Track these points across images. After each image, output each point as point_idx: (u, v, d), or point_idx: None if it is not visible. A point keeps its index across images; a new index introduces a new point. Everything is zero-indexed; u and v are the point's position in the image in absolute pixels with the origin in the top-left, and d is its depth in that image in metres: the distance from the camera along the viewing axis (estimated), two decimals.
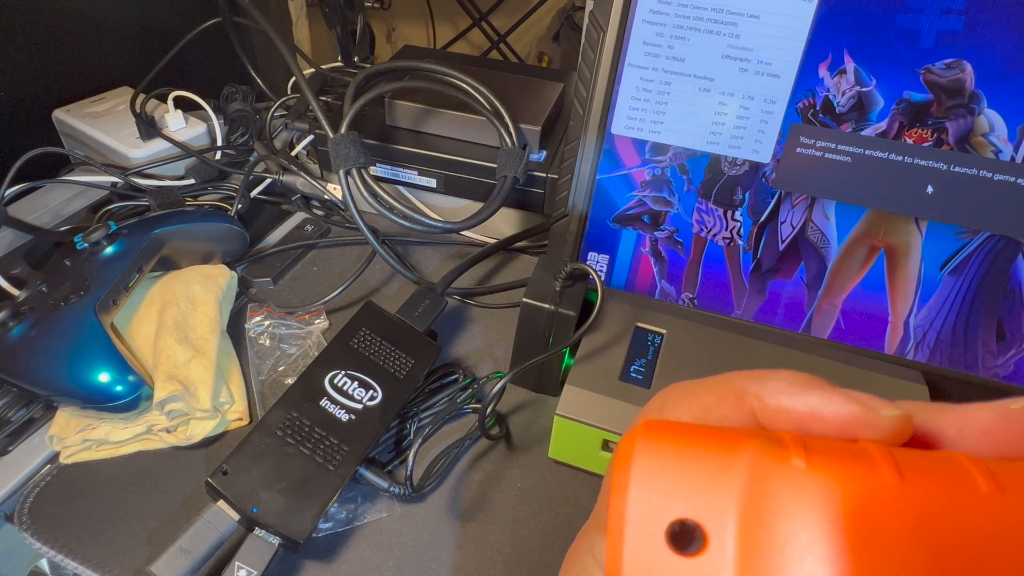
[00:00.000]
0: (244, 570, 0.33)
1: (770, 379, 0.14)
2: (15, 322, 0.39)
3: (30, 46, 0.59)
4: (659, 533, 0.11)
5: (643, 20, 0.41)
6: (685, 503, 0.11)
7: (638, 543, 0.11)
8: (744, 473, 0.11)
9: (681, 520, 0.11)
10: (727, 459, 0.11)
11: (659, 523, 0.11)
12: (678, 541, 0.11)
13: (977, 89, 0.37)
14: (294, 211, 0.61)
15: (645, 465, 0.12)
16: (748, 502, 0.11)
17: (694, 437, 0.12)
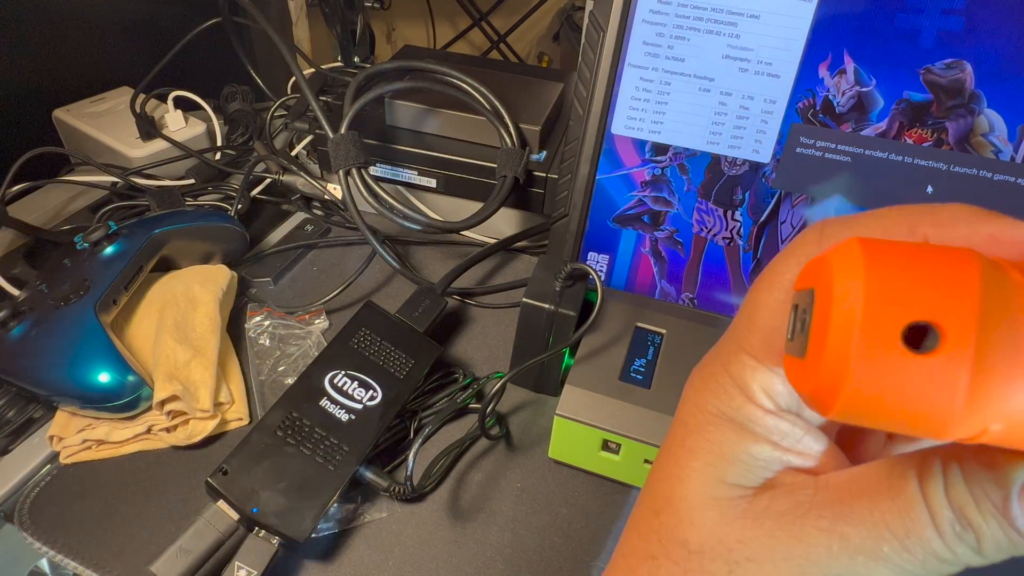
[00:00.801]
0: (244, 570, 0.33)
1: (942, 210, 0.14)
2: (15, 322, 0.39)
3: (30, 46, 0.59)
4: (895, 334, 0.11)
5: (643, 20, 0.41)
6: (924, 305, 0.11)
7: (870, 342, 0.11)
8: (984, 282, 0.11)
9: (918, 321, 0.11)
10: (963, 266, 0.11)
11: (897, 323, 0.11)
12: (915, 341, 0.11)
13: (977, 89, 0.37)
14: (294, 211, 0.61)
15: (877, 266, 0.12)
16: (988, 309, 0.11)
17: (916, 249, 0.12)
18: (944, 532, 0.13)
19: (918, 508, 0.14)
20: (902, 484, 0.14)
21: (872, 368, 0.12)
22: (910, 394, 0.11)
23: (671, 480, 0.17)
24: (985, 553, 0.14)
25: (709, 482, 0.17)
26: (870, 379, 0.12)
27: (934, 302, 0.11)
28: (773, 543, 0.15)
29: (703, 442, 0.17)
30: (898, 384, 0.11)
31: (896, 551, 0.14)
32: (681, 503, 0.17)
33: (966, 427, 0.12)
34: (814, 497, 0.15)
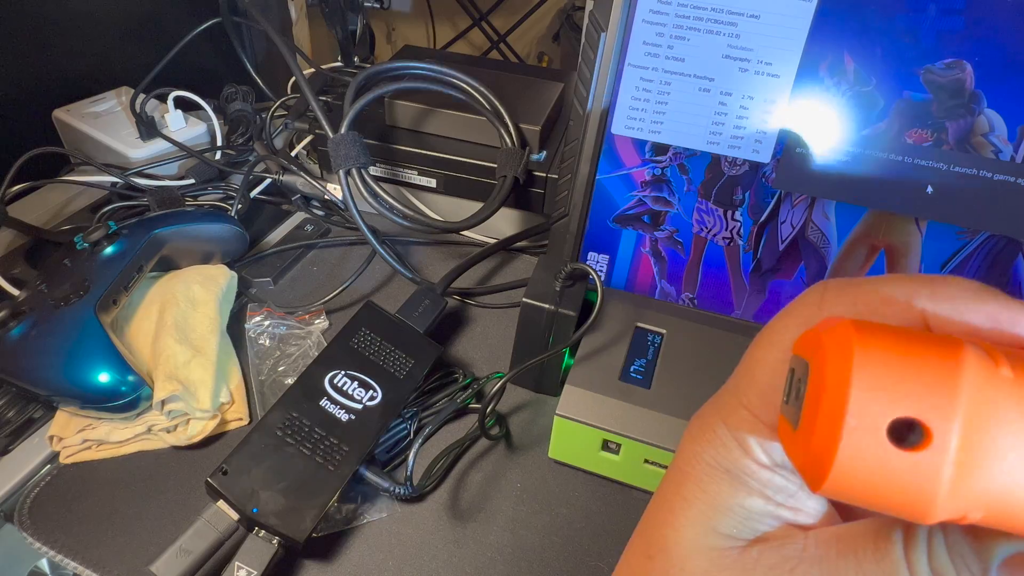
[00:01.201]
0: (244, 570, 0.33)
1: (942, 284, 0.14)
2: (15, 322, 0.39)
3: (30, 46, 0.59)
4: (880, 428, 0.12)
5: (643, 20, 0.41)
6: (909, 402, 0.12)
7: (858, 433, 0.12)
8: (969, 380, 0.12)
9: (904, 418, 0.12)
10: (950, 365, 0.12)
11: (883, 418, 0.12)
12: (900, 437, 0.12)
13: (977, 89, 0.37)
14: (294, 211, 0.61)
15: (868, 364, 0.12)
16: (971, 407, 0.12)
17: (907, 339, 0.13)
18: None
19: (901, 573, 0.14)
20: (887, 547, 0.14)
21: (858, 458, 0.12)
22: (894, 484, 0.12)
23: (665, 527, 0.18)
24: None
25: (702, 531, 0.17)
26: (855, 467, 0.12)
27: (919, 399, 0.12)
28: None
29: (698, 492, 0.17)
30: (883, 474, 0.12)
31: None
32: (674, 550, 0.17)
33: (947, 514, 0.12)
34: (803, 552, 0.16)
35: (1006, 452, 0.12)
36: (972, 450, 0.12)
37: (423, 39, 1.17)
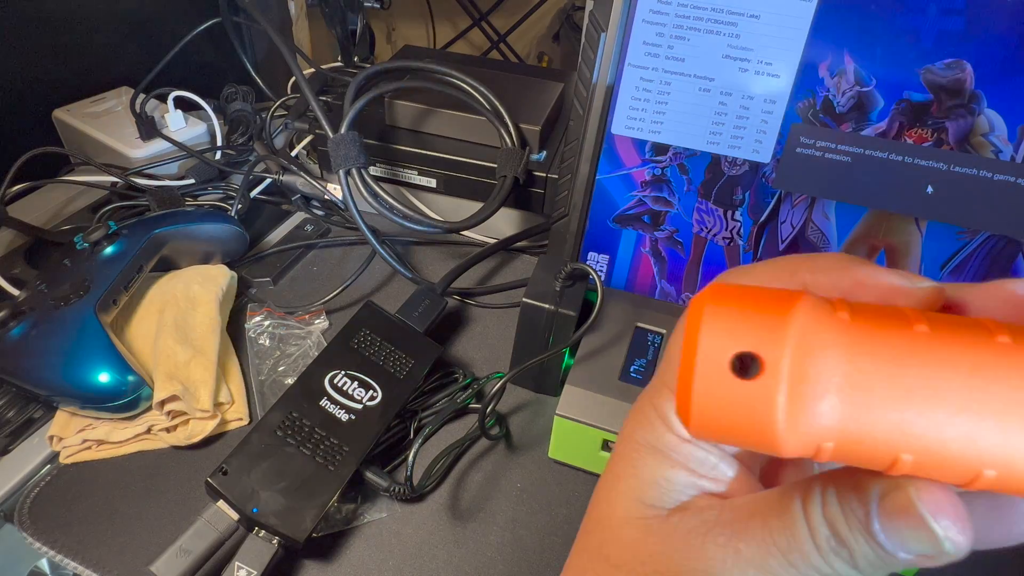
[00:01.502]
0: (244, 570, 0.33)
1: (820, 258, 0.16)
2: (15, 322, 0.39)
3: (30, 46, 0.59)
4: (725, 362, 0.14)
5: (643, 20, 0.41)
6: (747, 340, 0.13)
7: (706, 370, 0.14)
8: (799, 318, 0.13)
9: (743, 352, 0.13)
10: (785, 307, 0.14)
11: (725, 354, 0.14)
12: (741, 369, 0.14)
13: (977, 89, 0.37)
14: (294, 211, 0.61)
15: (715, 312, 0.14)
16: (800, 340, 0.13)
17: (754, 294, 0.14)
18: (821, 547, 0.15)
19: (800, 525, 0.15)
20: (788, 504, 0.16)
21: (710, 392, 0.14)
22: (742, 413, 0.14)
23: (601, 503, 0.19)
24: (860, 567, 0.15)
25: (630, 503, 0.18)
26: (710, 401, 0.14)
27: (757, 336, 0.13)
28: (678, 557, 0.17)
29: (628, 467, 0.19)
30: (732, 405, 0.14)
31: (781, 564, 0.15)
32: (606, 522, 0.19)
33: (797, 444, 0.13)
34: (718, 517, 0.17)
35: (833, 379, 0.13)
36: (801, 376, 0.13)
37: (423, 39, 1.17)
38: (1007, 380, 0.12)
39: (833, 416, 0.13)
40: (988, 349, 0.13)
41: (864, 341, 0.13)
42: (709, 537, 0.17)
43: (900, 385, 0.13)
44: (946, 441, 0.13)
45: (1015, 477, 0.13)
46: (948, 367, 0.13)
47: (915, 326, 0.13)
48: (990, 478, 0.13)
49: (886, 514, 0.14)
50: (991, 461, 0.13)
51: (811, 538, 0.15)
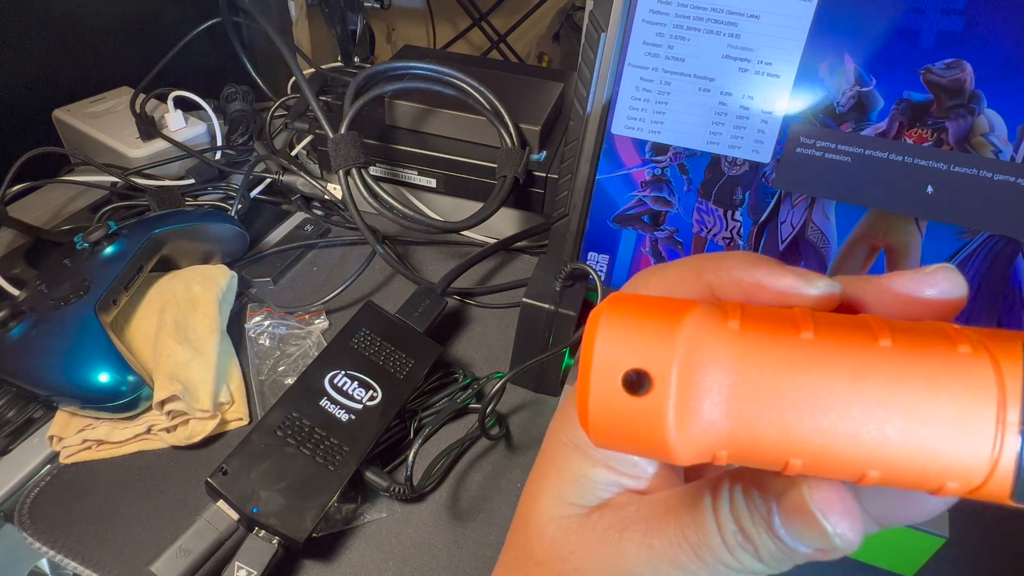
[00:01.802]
0: (244, 570, 0.33)
1: (725, 257, 0.16)
2: (15, 322, 0.39)
3: (30, 46, 0.59)
4: (616, 379, 0.14)
5: (643, 20, 0.41)
6: (637, 356, 0.14)
7: (600, 387, 0.14)
8: (686, 333, 0.14)
9: (634, 370, 0.14)
10: (674, 321, 0.14)
11: (616, 371, 0.14)
12: (632, 386, 0.14)
13: (977, 89, 0.37)
14: (294, 211, 0.61)
15: (607, 327, 0.14)
16: (687, 355, 0.14)
17: (650, 305, 0.15)
18: (728, 542, 0.16)
19: (708, 521, 0.16)
20: (699, 501, 0.16)
21: (604, 408, 0.14)
22: (636, 428, 0.14)
23: (527, 501, 0.20)
24: (765, 561, 0.16)
25: (553, 501, 0.19)
26: (605, 416, 0.14)
27: (646, 352, 0.14)
28: (595, 554, 0.17)
29: (551, 466, 0.19)
30: (625, 420, 0.14)
31: (691, 559, 0.16)
32: (532, 520, 0.19)
33: (691, 454, 0.14)
34: (635, 513, 0.17)
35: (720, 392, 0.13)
36: (688, 391, 0.13)
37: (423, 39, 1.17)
38: (884, 386, 0.13)
39: (722, 426, 0.14)
40: (869, 354, 0.13)
41: (751, 352, 0.14)
42: (625, 533, 0.17)
43: (784, 394, 0.13)
44: (830, 446, 0.13)
45: (898, 475, 0.13)
46: (830, 374, 0.13)
47: (802, 333, 0.14)
48: (875, 477, 0.13)
49: (784, 512, 0.15)
50: (873, 463, 0.13)
51: (719, 533, 0.16)
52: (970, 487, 0.13)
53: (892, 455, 0.13)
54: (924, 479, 0.13)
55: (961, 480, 0.13)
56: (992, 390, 0.13)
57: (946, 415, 0.13)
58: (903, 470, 0.13)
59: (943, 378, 0.13)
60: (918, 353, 0.13)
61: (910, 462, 0.13)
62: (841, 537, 0.14)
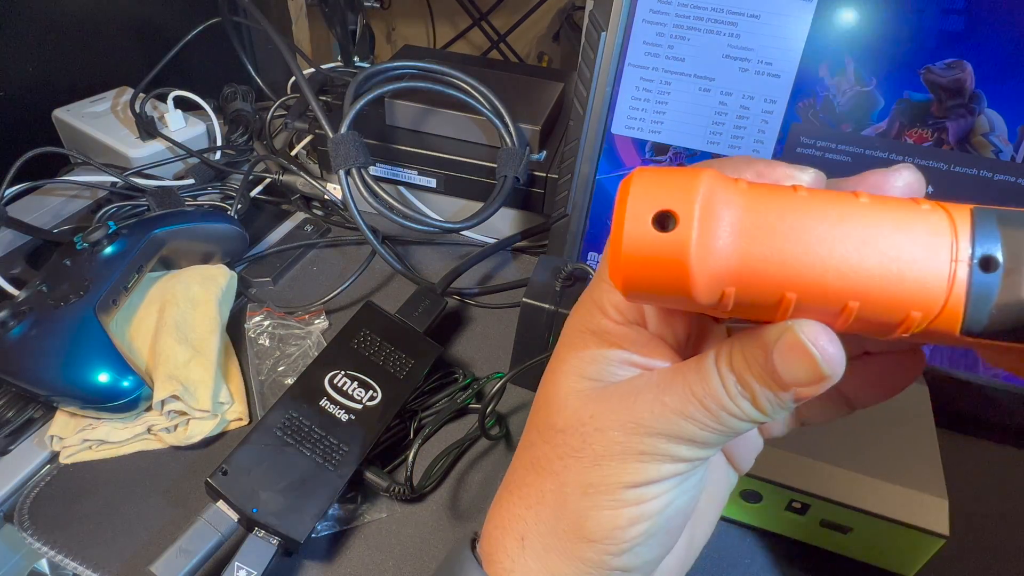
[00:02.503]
0: (244, 570, 0.33)
1: (727, 158, 0.19)
2: (15, 322, 0.39)
3: (30, 46, 0.59)
4: (648, 219, 0.16)
5: (643, 20, 0.41)
6: (665, 200, 0.16)
7: (633, 228, 0.17)
8: (705, 183, 0.16)
9: (661, 211, 0.16)
10: (694, 176, 0.16)
11: (648, 213, 0.16)
12: (661, 224, 0.16)
13: (977, 89, 0.37)
14: (294, 211, 0.61)
15: (639, 183, 0.17)
16: (707, 199, 0.16)
17: (672, 170, 0.17)
18: (730, 391, 0.18)
19: (712, 376, 0.19)
20: (704, 362, 0.19)
21: (636, 248, 0.17)
22: (663, 262, 0.16)
23: (547, 384, 0.23)
24: (761, 406, 0.18)
25: (572, 378, 0.22)
26: (637, 254, 0.17)
27: (673, 199, 0.16)
28: (613, 415, 0.20)
29: (571, 350, 0.22)
30: (654, 256, 0.16)
31: (698, 409, 0.19)
32: (553, 398, 0.22)
33: (708, 285, 0.16)
34: (648, 380, 0.20)
35: (733, 227, 0.16)
36: (707, 226, 0.16)
37: (423, 39, 1.17)
38: (863, 227, 0.16)
39: (733, 260, 0.16)
40: (852, 205, 0.16)
41: (757, 199, 0.16)
42: (640, 395, 0.20)
43: (783, 233, 0.16)
44: (819, 276, 0.16)
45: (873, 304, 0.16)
46: (820, 218, 0.16)
47: (798, 192, 0.17)
48: (854, 307, 0.16)
49: (779, 351, 0.17)
50: (854, 292, 0.16)
51: (722, 385, 0.19)
52: (931, 314, 0.16)
53: (868, 285, 0.16)
54: (893, 309, 0.16)
55: (923, 308, 0.16)
56: (947, 233, 0.16)
57: (911, 251, 0.16)
58: (876, 300, 0.16)
59: (909, 223, 0.16)
60: (890, 207, 0.16)
61: (882, 292, 0.16)
62: (828, 363, 0.17)
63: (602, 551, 0.21)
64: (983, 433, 0.44)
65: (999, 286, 0.15)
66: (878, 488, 0.34)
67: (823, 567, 0.37)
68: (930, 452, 0.36)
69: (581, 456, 0.21)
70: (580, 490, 0.21)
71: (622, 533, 0.20)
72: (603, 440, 0.20)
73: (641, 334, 0.21)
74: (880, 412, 0.38)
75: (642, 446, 0.20)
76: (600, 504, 0.20)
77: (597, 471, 0.20)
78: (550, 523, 0.22)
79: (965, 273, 0.15)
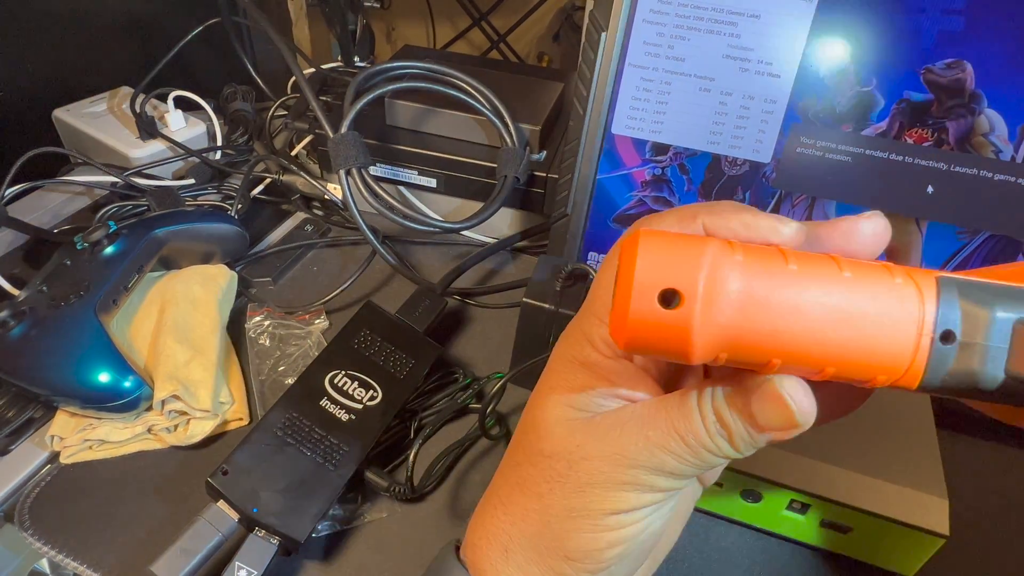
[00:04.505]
0: (244, 570, 0.33)
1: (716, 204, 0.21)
2: (15, 322, 0.39)
3: (30, 46, 0.59)
4: (653, 297, 0.18)
5: (643, 20, 0.41)
6: (670, 278, 0.18)
7: (639, 303, 0.18)
8: (707, 262, 0.18)
9: (668, 289, 0.18)
10: (698, 251, 0.18)
11: (653, 290, 0.18)
12: (666, 302, 0.18)
13: (977, 89, 0.37)
14: (294, 211, 0.61)
15: (646, 253, 0.18)
16: (709, 279, 0.18)
17: (674, 239, 0.18)
18: (709, 430, 0.20)
19: (695, 414, 0.20)
20: (686, 400, 0.21)
21: (641, 318, 0.18)
22: (666, 335, 0.18)
23: (535, 409, 0.24)
24: (736, 444, 0.20)
25: (560, 409, 0.23)
26: (641, 327, 0.18)
27: (677, 275, 0.18)
28: (598, 445, 0.21)
29: (559, 380, 0.23)
30: (658, 328, 0.18)
31: (679, 444, 0.20)
32: (541, 423, 0.23)
33: (705, 353, 0.18)
34: (633, 413, 0.21)
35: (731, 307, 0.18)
36: (708, 306, 0.18)
37: (423, 39, 1.17)
38: (844, 303, 0.18)
39: (730, 331, 0.18)
40: (835, 281, 0.18)
41: (753, 276, 0.18)
42: (625, 428, 0.21)
43: (776, 310, 0.18)
44: (806, 348, 0.18)
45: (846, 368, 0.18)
46: (808, 295, 0.18)
47: (789, 264, 0.18)
48: (831, 372, 0.18)
49: (759, 400, 0.19)
50: (832, 361, 0.18)
51: (702, 423, 0.20)
52: (895, 377, 0.18)
53: (845, 356, 0.18)
54: (864, 373, 0.18)
55: (889, 373, 0.18)
56: (915, 309, 0.18)
57: (883, 328, 0.18)
58: (851, 367, 0.18)
59: (883, 301, 0.18)
60: (867, 282, 0.18)
61: (857, 362, 0.18)
62: (802, 414, 0.19)
63: (581, 569, 0.22)
64: (983, 433, 0.44)
65: (954, 357, 0.17)
66: (878, 488, 0.34)
67: (823, 567, 0.37)
68: (930, 452, 0.36)
69: (566, 482, 0.22)
70: (564, 513, 0.22)
71: (601, 554, 0.22)
72: (588, 469, 0.22)
73: (627, 367, 0.22)
74: (880, 412, 0.38)
75: (625, 476, 0.21)
76: (582, 527, 0.22)
77: (581, 497, 0.22)
78: (533, 539, 0.23)
79: (927, 345, 0.17)
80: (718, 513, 0.39)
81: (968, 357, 0.17)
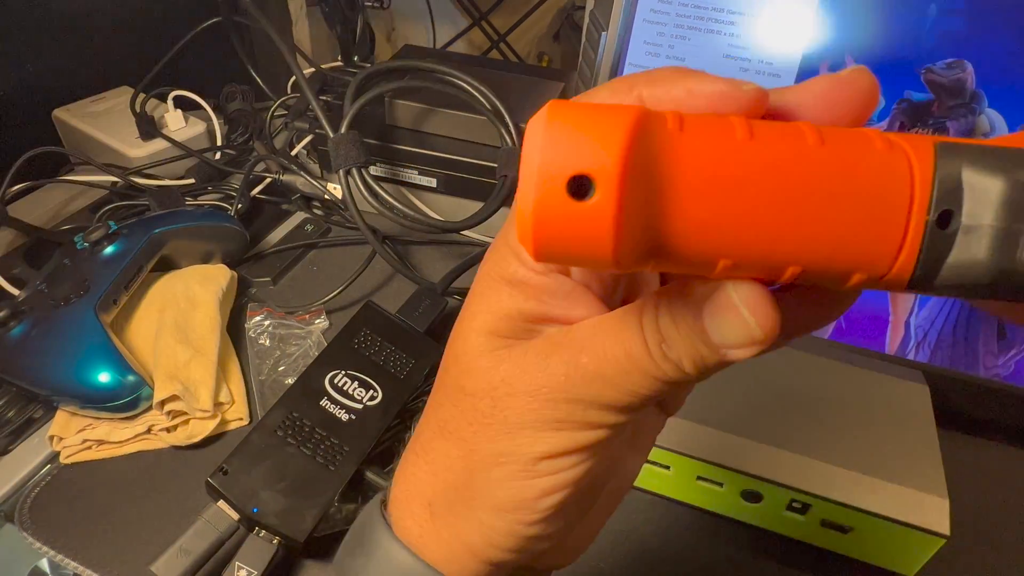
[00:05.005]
0: (244, 570, 0.33)
1: (656, 71, 0.17)
2: (15, 322, 0.39)
3: (30, 46, 0.59)
4: (561, 186, 0.14)
5: (643, 20, 0.41)
6: (581, 162, 0.13)
7: (544, 195, 0.14)
8: (629, 138, 0.13)
9: (578, 174, 0.14)
10: (616, 127, 0.14)
11: (561, 178, 0.14)
12: (577, 191, 0.13)
13: (978, 89, 0.37)
14: (294, 211, 0.61)
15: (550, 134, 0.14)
16: (631, 161, 0.13)
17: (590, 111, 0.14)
18: (653, 352, 0.16)
19: (635, 335, 0.17)
20: (628, 317, 0.17)
21: (547, 215, 0.14)
22: (580, 234, 0.14)
23: (457, 339, 0.20)
24: (686, 368, 0.16)
25: (484, 338, 0.19)
26: (549, 225, 0.14)
27: (591, 157, 0.13)
28: (526, 377, 0.18)
29: (482, 303, 0.19)
30: (570, 227, 0.14)
31: (618, 372, 0.17)
32: (462, 357, 0.20)
33: (631, 258, 0.14)
34: (563, 337, 0.18)
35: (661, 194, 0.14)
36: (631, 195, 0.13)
37: (423, 39, 1.17)
38: (809, 184, 0.14)
39: (660, 230, 0.14)
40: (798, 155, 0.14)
41: (690, 151, 0.14)
42: (554, 355, 0.18)
43: (720, 196, 0.14)
44: (759, 246, 0.14)
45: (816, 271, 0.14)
46: (761, 174, 0.14)
47: (738, 135, 0.14)
48: (795, 272, 0.14)
49: (710, 312, 0.16)
50: (795, 260, 0.14)
51: (644, 345, 0.17)
52: (877, 276, 0.14)
53: (811, 253, 0.14)
54: (837, 273, 0.14)
55: (870, 271, 0.14)
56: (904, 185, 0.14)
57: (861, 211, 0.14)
58: (819, 266, 0.14)
59: (861, 174, 0.14)
60: (840, 152, 0.14)
61: (827, 259, 0.14)
62: (762, 327, 0.15)
63: (513, 521, 0.19)
64: (983, 433, 0.44)
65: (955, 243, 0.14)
66: (879, 488, 0.34)
67: (823, 567, 0.37)
68: (930, 452, 0.36)
69: (491, 423, 0.19)
70: (491, 459, 0.19)
71: (535, 504, 0.19)
72: (515, 406, 0.18)
73: (563, 284, 0.18)
74: (880, 412, 0.38)
75: (557, 413, 0.18)
76: (512, 475, 0.19)
77: (508, 440, 0.19)
78: (459, 491, 0.20)
79: (919, 231, 0.14)
80: (718, 513, 0.39)
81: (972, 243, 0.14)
